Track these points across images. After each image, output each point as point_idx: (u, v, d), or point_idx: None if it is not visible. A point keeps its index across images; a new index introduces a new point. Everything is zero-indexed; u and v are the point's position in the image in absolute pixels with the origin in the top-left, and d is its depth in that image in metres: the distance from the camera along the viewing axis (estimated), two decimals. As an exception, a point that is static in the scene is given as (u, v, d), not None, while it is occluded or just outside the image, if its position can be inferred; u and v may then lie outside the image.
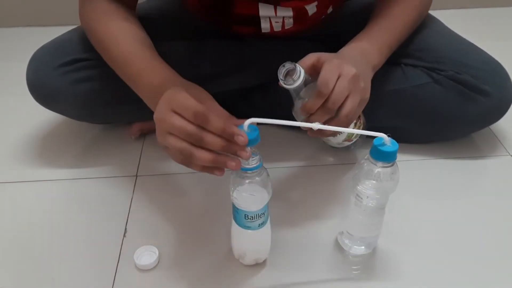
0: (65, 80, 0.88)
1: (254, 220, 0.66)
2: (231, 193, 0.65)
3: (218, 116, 0.61)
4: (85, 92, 0.90)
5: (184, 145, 0.61)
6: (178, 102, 0.61)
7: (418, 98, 0.91)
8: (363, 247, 0.75)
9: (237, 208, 0.67)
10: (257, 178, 0.64)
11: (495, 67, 0.91)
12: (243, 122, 0.61)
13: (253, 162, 0.62)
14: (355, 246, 0.75)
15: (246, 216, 0.66)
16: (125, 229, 0.81)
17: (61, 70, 0.89)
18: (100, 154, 0.99)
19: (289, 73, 0.70)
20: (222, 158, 0.61)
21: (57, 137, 1.05)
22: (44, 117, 1.07)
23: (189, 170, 0.94)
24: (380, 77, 0.81)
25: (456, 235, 0.80)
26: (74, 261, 0.76)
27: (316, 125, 0.63)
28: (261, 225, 0.68)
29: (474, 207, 0.85)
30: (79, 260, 0.76)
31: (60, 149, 1.01)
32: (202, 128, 0.60)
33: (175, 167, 0.92)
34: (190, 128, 0.59)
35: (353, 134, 0.87)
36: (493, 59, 0.92)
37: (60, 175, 0.94)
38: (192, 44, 0.96)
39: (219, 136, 0.60)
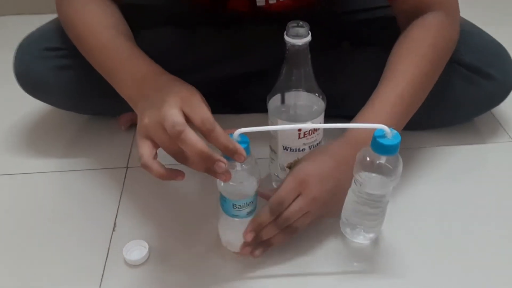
0: (48, 65, 0.87)
1: (242, 208, 0.64)
2: (217, 181, 0.62)
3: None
4: (69, 81, 0.87)
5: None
6: (191, 104, 0.61)
7: None
8: (365, 236, 0.73)
9: (225, 197, 0.64)
10: (245, 166, 0.61)
11: (498, 49, 0.89)
12: (232, 132, 0.61)
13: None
14: (356, 235, 0.72)
15: (234, 205, 0.64)
16: (115, 223, 0.78)
17: (44, 55, 0.87)
18: (89, 145, 0.96)
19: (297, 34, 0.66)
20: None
21: (45, 128, 1.02)
22: (31, 107, 1.05)
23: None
24: (376, 62, 0.78)
25: (459, 223, 0.77)
26: (61, 256, 0.74)
27: (308, 125, 0.63)
28: (250, 213, 0.65)
29: (478, 195, 0.82)
30: (66, 255, 0.74)
31: (48, 141, 0.98)
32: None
33: (166, 158, 0.89)
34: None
35: None
36: (496, 41, 0.90)
37: (48, 167, 0.91)
38: (184, 31, 0.93)
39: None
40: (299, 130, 0.71)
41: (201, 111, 0.60)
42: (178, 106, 0.60)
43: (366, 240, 0.73)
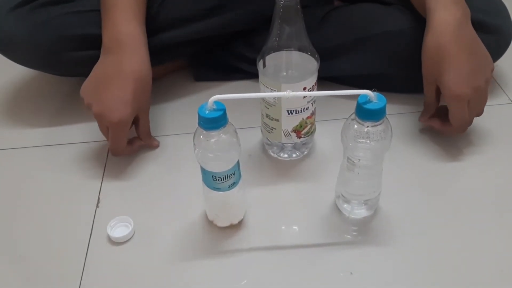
0: (21, 22, 0.80)
1: (223, 181, 0.61)
2: (194, 152, 0.58)
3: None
4: (48, 33, 0.81)
5: None
6: (113, 133, 0.76)
7: (409, 39, 0.82)
8: (363, 210, 0.70)
9: (204, 169, 0.61)
10: (223, 136, 0.57)
11: (497, 2, 0.86)
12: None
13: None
14: (355, 211, 0.69)
15: (214, 177, 0.60)
16: (98, 198, 0.76)
17: (16, 12, 0.80)
18: (70, 118, 0.92)
19: None
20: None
21: (25, 99, 0.99)
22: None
23: (164, 133, 0.88)
24: (363, 19, 0.73)
25: (455, 191, 0.74)
26: (44, 235, 0.72)
27: (288, 94, 0.57)
28: (232, 186, 0.62)
29: (475, 161, 0.79)
30: (49, 234, 0.72)
31: (28, 112, 0.95)
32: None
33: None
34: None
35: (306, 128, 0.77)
36: None
37: (29, 142, 0.88)
38: None
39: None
40: (304, 88, 0.68)
41: (117, 145, 0.78)
42: (108, 119, 0.74)
43: (366, 213, 0.70)
